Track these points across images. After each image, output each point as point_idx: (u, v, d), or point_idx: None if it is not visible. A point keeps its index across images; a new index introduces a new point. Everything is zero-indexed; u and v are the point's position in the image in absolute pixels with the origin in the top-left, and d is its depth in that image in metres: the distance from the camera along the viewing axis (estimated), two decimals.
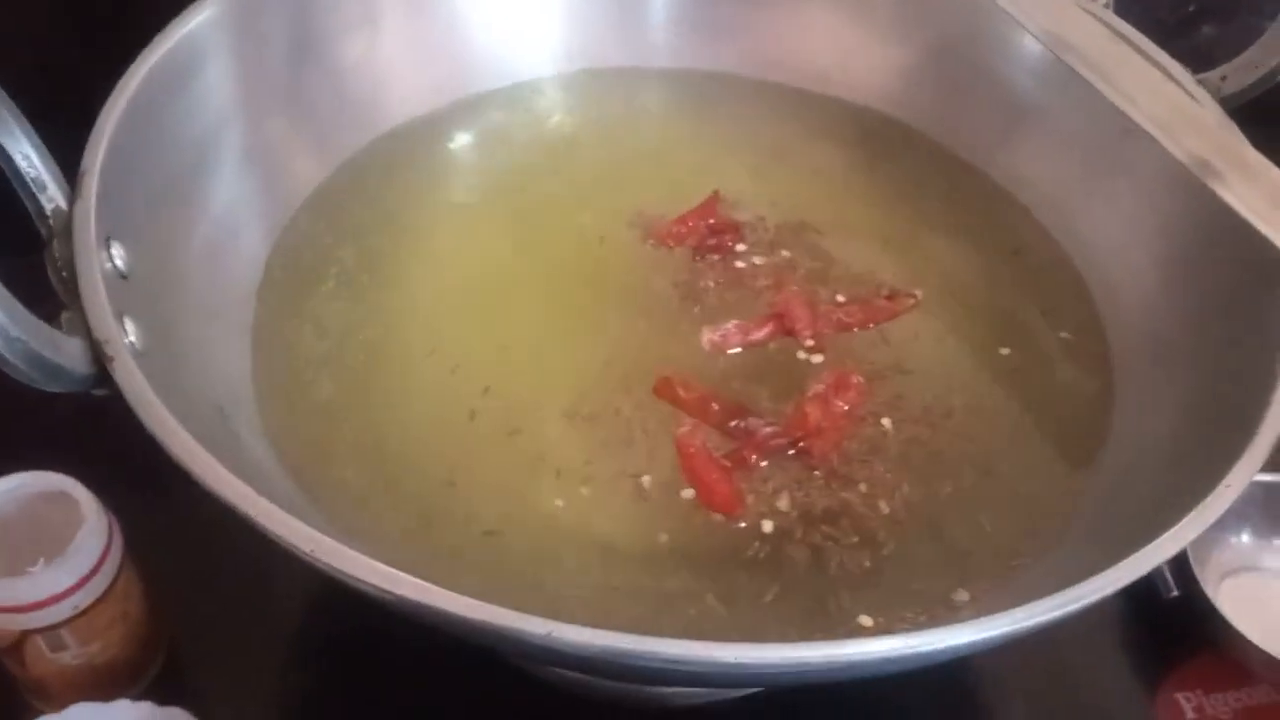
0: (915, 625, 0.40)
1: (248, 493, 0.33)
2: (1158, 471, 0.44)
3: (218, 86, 0.50)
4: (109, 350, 0.36)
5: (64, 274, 0.39)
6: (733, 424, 0.48)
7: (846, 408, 0.49)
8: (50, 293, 0.39)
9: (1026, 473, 0.48)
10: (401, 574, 0.31)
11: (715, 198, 0.58)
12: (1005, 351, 0.52)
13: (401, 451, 0.47)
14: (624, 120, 0.63)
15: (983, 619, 0.33)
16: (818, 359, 0.51)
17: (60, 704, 0.48)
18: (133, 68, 0.45)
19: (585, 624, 0.31)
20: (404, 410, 0.48)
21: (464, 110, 0.61)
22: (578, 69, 0.63)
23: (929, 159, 0.61)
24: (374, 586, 0.32)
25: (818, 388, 0.49)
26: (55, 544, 0.47)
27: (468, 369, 0.50)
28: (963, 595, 0.43)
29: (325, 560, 0.32)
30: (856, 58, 0.63)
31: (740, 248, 0.56)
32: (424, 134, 0.60)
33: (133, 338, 0.38)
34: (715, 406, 0.49)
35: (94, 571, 0.47)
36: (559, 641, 0.31)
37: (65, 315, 0.38)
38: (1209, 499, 0.37)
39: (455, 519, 0.45)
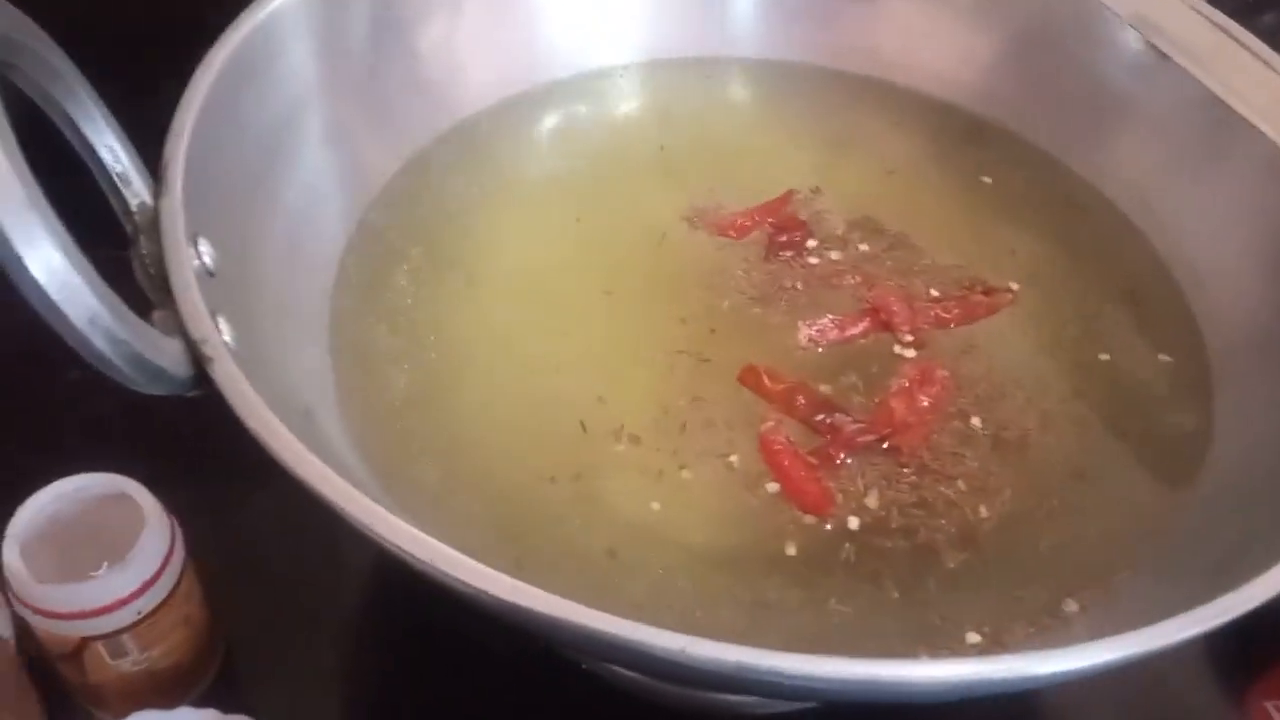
0: (1028, 640, 0.39)
1: (366, 503, 0.32)
2: (1264, 486, 0.43)
3: (297, 71, 0.49)
4: (208, 350, 0.35)
5: (151, 271, 0.38)
6: (818, 418, 0.47)
7: (930, 402, 0.48)
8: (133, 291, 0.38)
9: (1124, 480, 0.47)
10: (534, 589, 0.30)
11: (788, 196, 0.57)
12: (1104, 357, 0.51)
13: (480, 451, 0.46)
14: (697, 111, 0.62)
15: (1111, 639, 0.32)
16: (913, 355, 0.50)
17: (117, 712, 0.47)
18: (212, 52, 0.44)
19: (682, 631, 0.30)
20: (482, 409, 0.48)
21: (535, 100, 0.60)
22: (651, 58, 0.62)
23: (1010, 153, 0.60)
24: (497, 599, 0.31)
25: (902, 382, 0.49)
26: (116, 547, 0.47)
27: (544, 366, 0.49)
28: (1072, 606, 0.42)
29: (441, 568, 0.31)
30: (935, 48, 0.61)
31: (811, 244, 0.55)
32: (495, 125, 0.59)
33: (227, 337, 0.37)
34: (801, 400, 0.48)
35: (157, 575, 0.47)
36: (694, 659, 0.30)
37: (157, 314, 0.36)
38: None
39: (541, 520, 0.44)
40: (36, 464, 0.59)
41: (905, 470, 0.46)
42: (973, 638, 0.40)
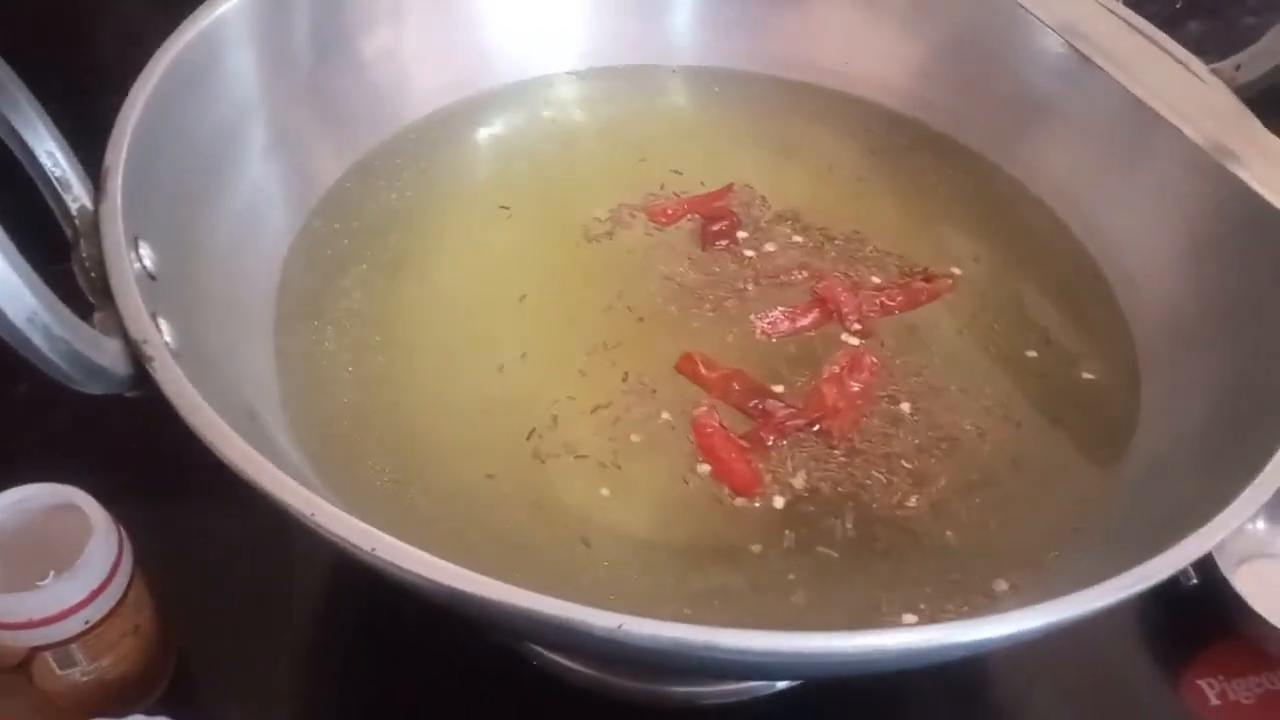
0: (959, 615, 0.40)
1: (304, 493, 0.32)
2: (1189, 465, 0.44)
3: (240, 79, 0.50)
4: (148, 350, 0.35)
5: (92, 274, 0.38)
6: (752, 404, 0.48)
7: (861, 388, 0.49)
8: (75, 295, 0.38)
9: (1055, 465, 0.48)
10: (474, 574, 0.30)
11: (725, 190, 0.58)
12: (1034, 351, 0.52)
13: (423, 451, 0.46)
14: (639, 117, 0.63)
15: (1027, 609, 0.33)
16: (857, 343, 0.51)
17: None
18: (155, 58, 0.44)
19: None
20: (425, 409, 0.48)
21: (480, 105, 0.61)
22: (594, 65, 0.63)
23: (943, 154, 0.61)
24: (432, 582, 0.31)
25: (833, 368, 0.50)
26: (63, 557, 0.46)
27: (487, 364, 0.50)
28: (1001, 585, 0.43)
29: (387, 559, 0.31)
30: (870, 53, 0.63)
31: (741, 235, 0.56)
32: (440, 130, 0.59)
33: (168, 338, 0.37)
34: (736, 386, 0.49)
35: (105, 584, 0.46)
36: (630, 636, 0.30)
37: (98, 316, 0.37)
38: (1246, 492, 0.37)
39: (486, 516, 0.44)
40: None
41: (835, 453, 0.47)
42: (909, 618, 0.41)
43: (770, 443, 0.47)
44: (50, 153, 0.39)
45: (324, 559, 0.55)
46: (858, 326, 0.52)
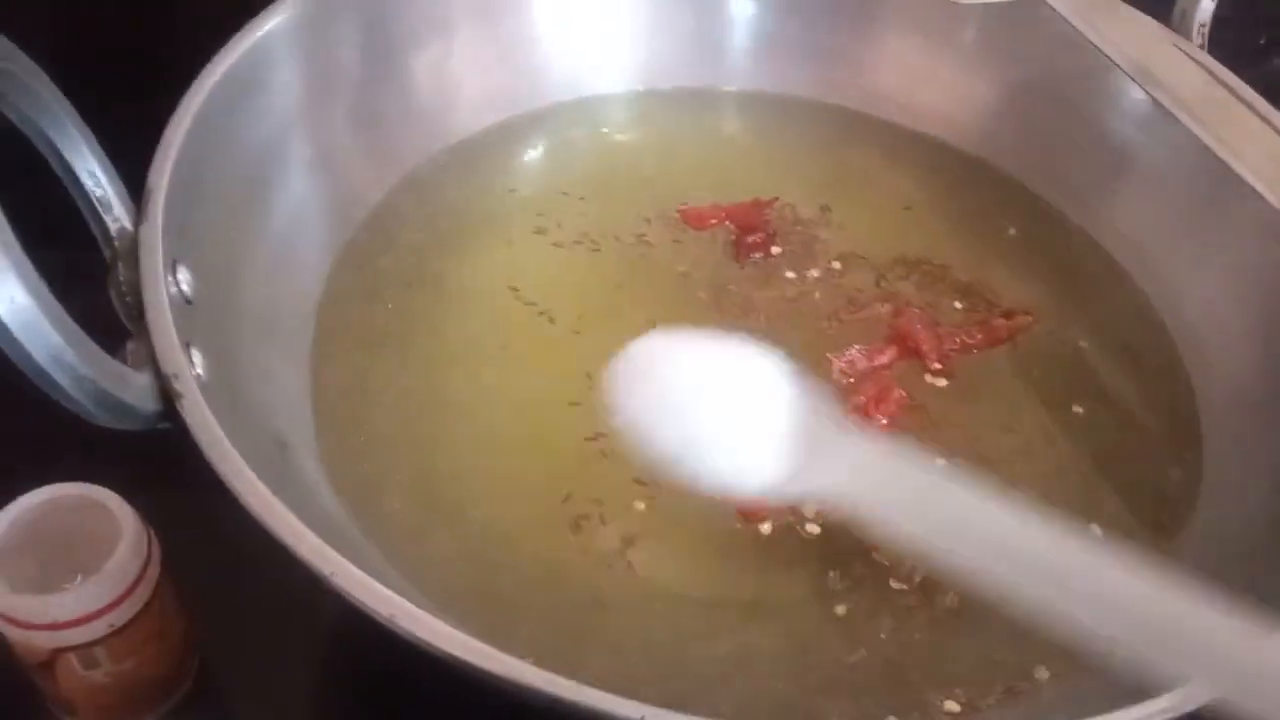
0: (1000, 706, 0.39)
1: (323, 548, 0.32)
2: (1254, 551, 0.42)
3: (285, 98, 0.49)
4: (178, 386, 0.35)
5: (128, 299, 0.37)
6: None
7: (887, 421, 0.47)
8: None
9: (1106, 534, 0.45)
10: (491, 649, 0.30)
11: (770, 202, 0.57)
12: (1081, 411, 0.50)
13: (458, 487, 0.45)
14: (692, 141, 0.61)
15: None
16: (943, 383, 0.50)
17: None
18: (200, 79, 0.44)
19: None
20: (463, 442, 0.47)
21: (528, 125, 0.60)
22: (647, 87, 0.62)
23: (1005, 196, 0.59)
24: (452, 656, 0.31)
25: (858, 399, 0.48)
26: (91, 558, 0.46)
27: (533, 398, 0.49)
28: (1043, 672, 0.41)
29: (404, 627, 0.31)
30: (936, 88, 0.61)
31: (775, 250, 0.55)
32: (487, 148, 0.58)
33: (199, 369, 0.36)
34: None
35: (131, 589, 0.46)
36: None
37: (130, 346, 0.36)
38: None
39: (515, 557, 0.43)
40: (15, 471, 0.60)
41: None
42: (950, 706, 0.40)
43: None
44: (92, 173, 0.38)
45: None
46: (938, 366, 0.50)
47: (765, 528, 0.44)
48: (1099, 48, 0.51)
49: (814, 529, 0.45)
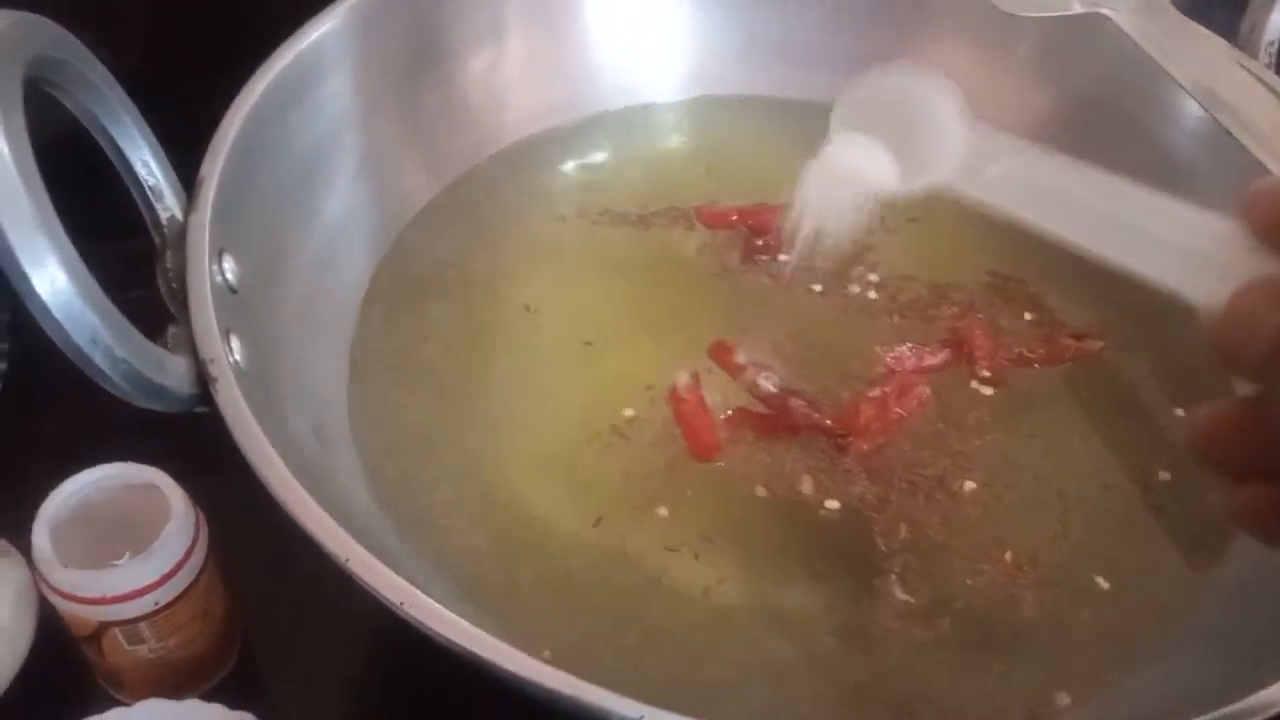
0: None
1: (343, 536, 0.32)
2: None
3: (337, 98, 0.50)
4: (213, 370, 0.36)
5: (174, 285, 0.38)
6: (770, 390, 0.48)
7: (902, 414, 0.47)
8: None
9: (1137, 565, 0.45)
10: (498, 643, 0.30)
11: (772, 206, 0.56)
12: (1132, 436, 0.49)
13: (493, 481, 0.46)
14: (743, 150, 0.61)
15: None
16: (989, 391, 0.49)
17: (133, 694, 0.48)
18: (256, 76, 0.45)
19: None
20: (499, 439, 0.47)
21: (577, 131, 0.60)
22: (697, 94, 0.62)
23: None
24: (455, 645, 0.32)
25: (881, 390, 0.48)
26: (140, 536, 0.47)
27: (568, 399, 0.49)
28: (1064, 699, 0.40)
29: (413, 615, 0.31)
30: (989, 100, 0.58)
31: (782, 257, 0.54)
32: (536, 154, 0.59)
33: (237, 356, 0.37)
34: (758, 370, 0.49)
35: (178, 568, 0.47)
36: None
37: (172, 330, 0.37)
38: None
39: (543, 553, 0.44)
40: (72, 447, 0.61)
41: (854, 473, 0.46)
42: None
43: (763, 430, 0.47)
44: (145, 161, 0.39)
45: None
46: (987, 373, 0.50)
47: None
48: (1162, 65, 0.50)
49: (833, 505, 0.45)
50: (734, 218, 0.56)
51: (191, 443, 0.53)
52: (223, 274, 0.40)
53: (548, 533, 0.44)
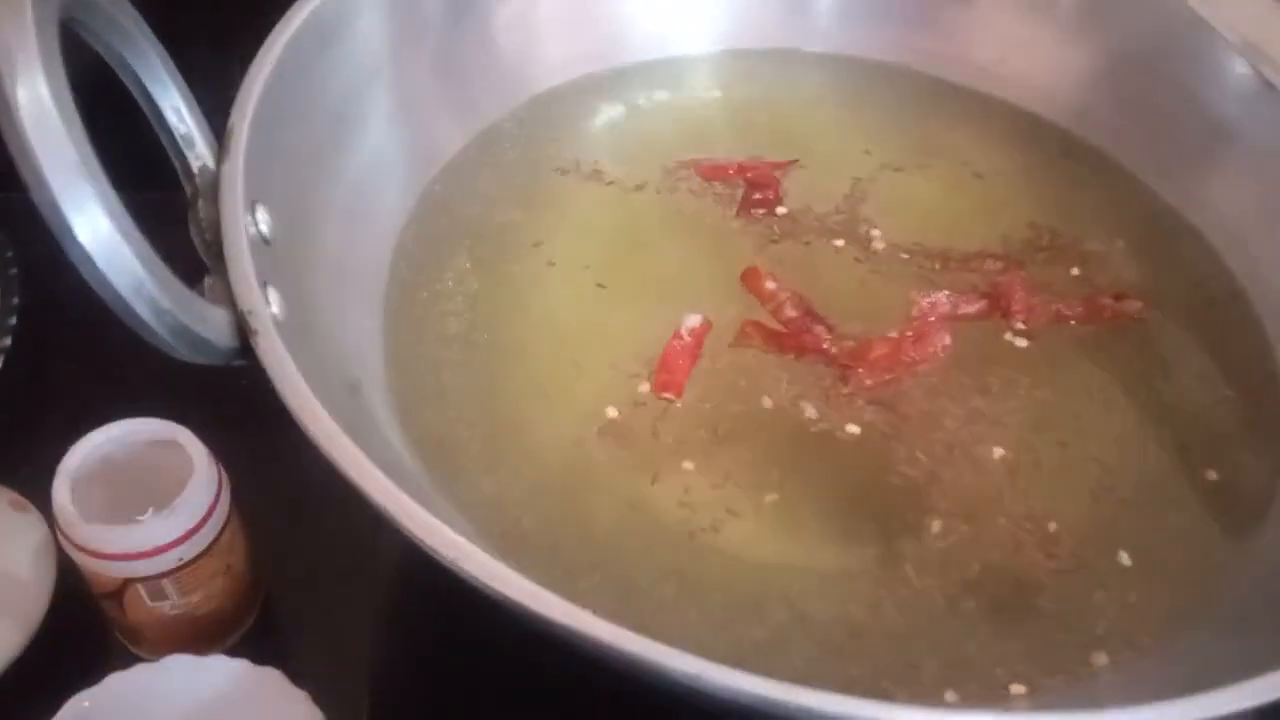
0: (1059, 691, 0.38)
1: (392, 489, 0.31)
2: None
3: (369, 43, 0.49)
4: (253, 323, 0.35)
5: (207, 236, 0.37)
6: (792, 315, 0.49)
7: (912, 360, 0.47)
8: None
9: (1176, 523, 0.44)
10: (556, 598, 0.29)
11: (788, 164, 0.56)
12: (1166, 400, 0.48)
13: (528, 435, 0.45)
14: (773, 104, 0.60)
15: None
16: (1022, 344, 0.49)
17: (154, 651, 0.48)
18: (286, 18, 0.43)
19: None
20: (531, 392, 0.47)
21: (607, 81, 0.59)
22: (731, 47, 0.61)
23: (1095, 171, 0.57)
24: (520, 605, 0.31)
25: (901, 332, 0.48)
26: (163, 492, 0.47)
27: (599, 351, 0.48)
28: (1101, 658, 0.40)
29: (469, 571, 0.31)
30: (1030, 57, 0.59)
31: (780, 210, 0.54)
32: (565, 104, 0.58)
33: (275, 308, 0.36)
34: (790, 305, 0.49)
35: (201, 524, 0.47)
36: (709, 685, 0.29)
37: (208, 281, 0.36)
38: None
39: (577, 511, 0.43)
40: (89, 403, 0.60)
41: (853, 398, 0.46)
42: (1017, 689, 0.39)
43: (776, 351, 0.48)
44: (176, 108, 0.38)
45: None
46: (1022, 326, 0.49)
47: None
48: (1208, 20, 0.49)
49: (854, 429, 0.45)
50: (731, 171, 0.56)
51: (206, 398, 0.53)
52: (256, 225, 0.39)
53: (587, 489, 0.44)
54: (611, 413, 0.46)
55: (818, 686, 0.29)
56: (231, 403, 0.54)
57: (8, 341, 0.58)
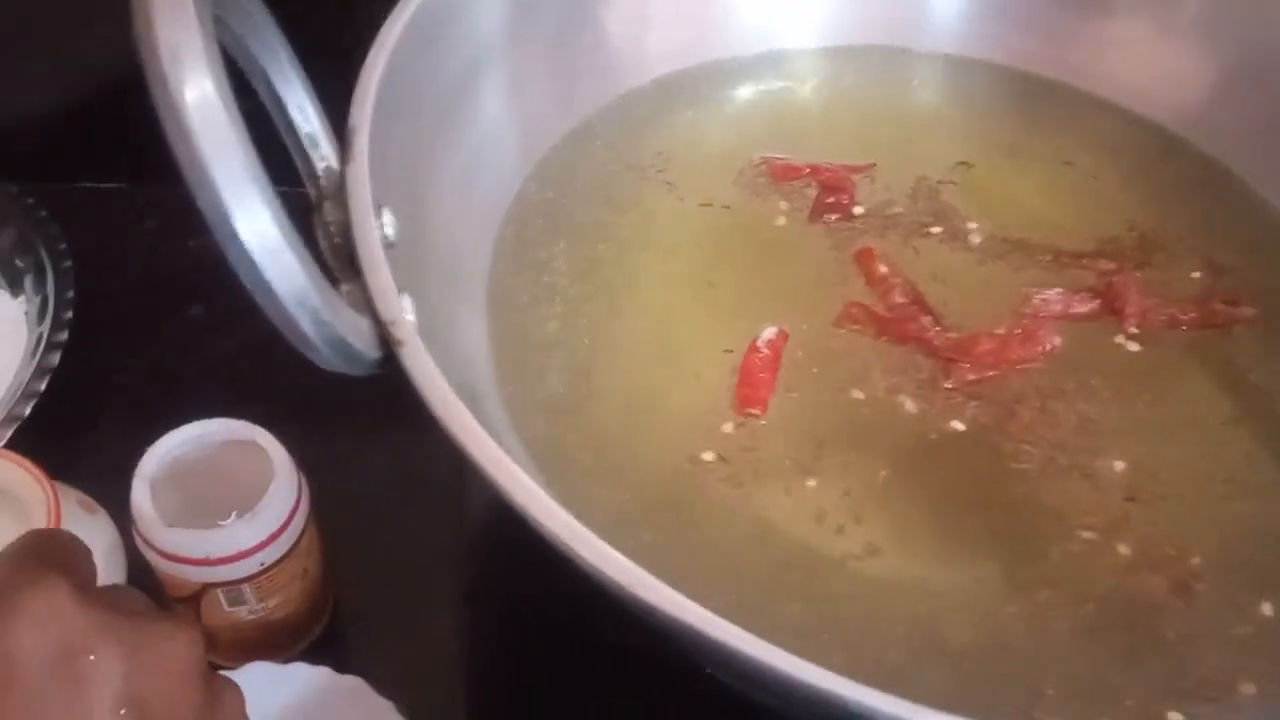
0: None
1: (558, 512, 0.30)
2: None
3: (478, 31, 0.47)
4: (397, 333, 0.33)
5: (336, 240, 0.36)
6: (900, 302, 0.49)
7: (1016, 357, 0.47)
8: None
9: None
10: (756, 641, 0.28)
11: (864, 168, 0.56)
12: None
13: (640, 439, 0.45)
14: (876, 103, 0.59)
15: None
16: (1134, 348, 0.48)
17: (227, 657, 0.48)
18: (398, 9, 0.41)
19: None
20: (633, 400, 0.46)
21: (711, 74, 0.58)
22: (837, 43, 0.60)
23: (1209, 181, 0.56)
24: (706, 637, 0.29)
25: (1009, 328, 0.48)
26: (240, 494, 0.47)
27: (700, 354, 0.48)
28: (1249, 689, 0.39)
29: (648, 599, 0.29)
30: (1149, 61, 0.57)
31: (858, 210, 0.53)
32: (665, 98, 0.57)
33: (411, 316, 0.35)
34: (898, 288, 0.49)
35: (283, 528, 0.47)
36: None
37: (345, 289, 0.35)
38: None
39: (689, 509, 0.43)
40: (158, 402, 0.59)
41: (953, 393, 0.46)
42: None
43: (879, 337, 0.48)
44: (301, 107, 0.37)
45: (491, 519, 0.54)
46: (1135, 330, 0.49)
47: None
48: None
49: (958, 425, 0.45)
50: (805, 172, 0.55)
51: (277, 396, 0.52)
52: (382, 229, 0.37)
53: (699, 496, 0.43)
54: (726, 428, 0.45)
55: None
56: (294, 401, 0.53)
57: (65, 335, 0.57)
